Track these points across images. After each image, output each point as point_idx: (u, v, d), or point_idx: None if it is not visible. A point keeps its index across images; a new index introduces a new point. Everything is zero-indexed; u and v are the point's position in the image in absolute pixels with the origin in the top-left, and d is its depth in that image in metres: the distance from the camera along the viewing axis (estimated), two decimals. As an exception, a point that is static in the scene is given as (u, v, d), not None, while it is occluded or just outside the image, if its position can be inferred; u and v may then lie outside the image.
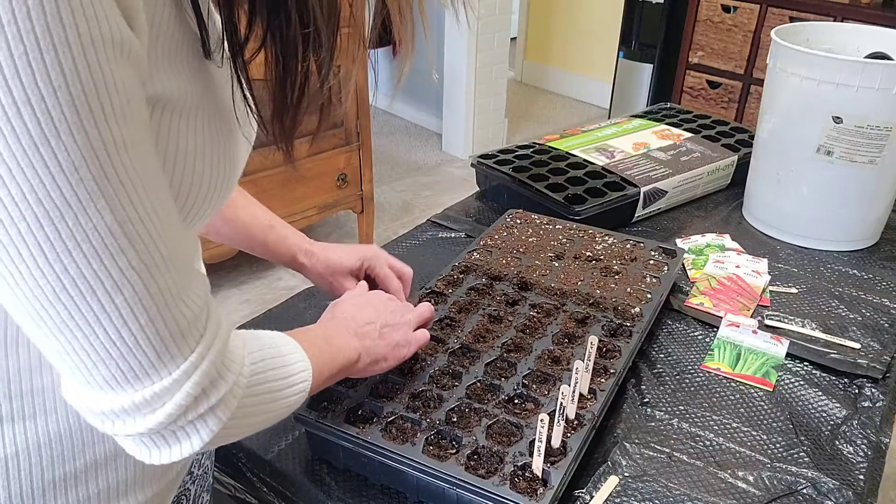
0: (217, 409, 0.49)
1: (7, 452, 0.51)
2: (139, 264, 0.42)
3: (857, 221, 1.26)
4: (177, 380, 0.46)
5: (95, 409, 0.46)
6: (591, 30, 4.55)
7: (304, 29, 0.46)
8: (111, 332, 0.42)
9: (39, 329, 0.42)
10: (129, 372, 0.44)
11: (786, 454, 0.84)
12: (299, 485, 0.80)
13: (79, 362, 0.43)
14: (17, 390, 0.51)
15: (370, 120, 2.77)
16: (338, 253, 0.95)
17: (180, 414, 0.47)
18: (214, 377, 0.48)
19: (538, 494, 0.70)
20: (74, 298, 0.41)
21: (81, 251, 0.40)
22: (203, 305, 0.48)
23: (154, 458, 0.49)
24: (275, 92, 0.49)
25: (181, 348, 0.46)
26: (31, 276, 0.40)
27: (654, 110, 1.76)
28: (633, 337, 0.94)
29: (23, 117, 0.36)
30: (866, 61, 1.14)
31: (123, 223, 0.41)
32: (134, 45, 0.40)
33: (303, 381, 0.61)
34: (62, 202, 0.38)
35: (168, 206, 0.45)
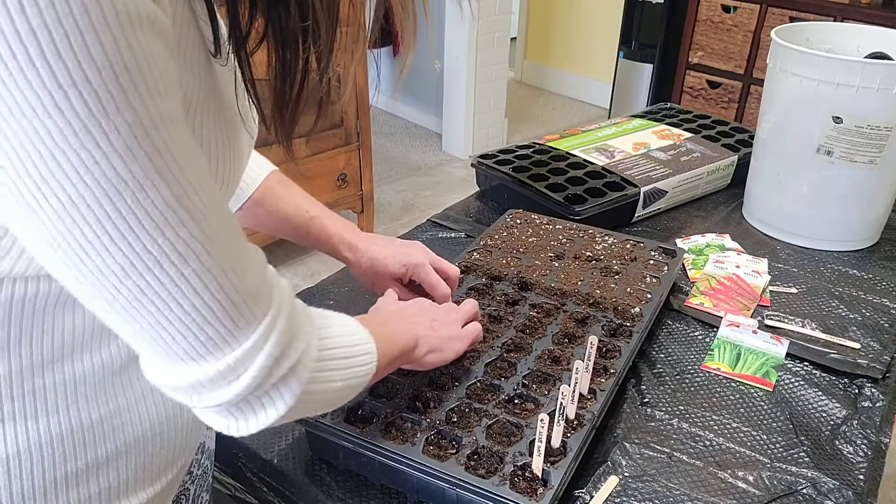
0: (297, 371, 0.50)
1: (9, 452, 0.51)
2: (200, 234, 0.42)
3: (857, 221, 1.26)
4: (256, 343, 0.46)
5: (181, 383, 0.46)
6: (591, 30, 4.55)
7: (304, 21, 0.46)
8: (184, 303, 0.43)
9: (115, 311, 0.43)
10: (209, 341, 0.45)
11: (786, 454, 0.84)
12: (299, 485, 0.80)
13: (157, 338, 0.44)
14: (19, 390, 0.51)
15: (370, 120, 2.77)
16: (383, 252, 0.93)
17: (264, 377, 0.47)
18: (290, 338, 0.49)
19: (538, 494, 0.70)
20: (144, 275, 0.41)
21: (143, 227, 0.40)
22: (265, 274, 0.49)
23: (241, 429, 0.50)
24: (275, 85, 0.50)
25: (255, 312, 0.47)
26: (99, 256, 0.40)
27: (654, 110, 1.76)
28: (633, 337, 0.94)
29: (70, 100, 0.36)
30: (866, 61, 1.14)
31: (179, 196, 0.41)
32: (164, 22, 0.41)
33: (369, 352, 0.61)
34: (118, 181, 0.38)
35: (211, 180, 0.45)
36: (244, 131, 0.58)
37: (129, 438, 0.57)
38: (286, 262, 2.83)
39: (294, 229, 0.91)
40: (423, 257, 0.94)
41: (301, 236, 0.91)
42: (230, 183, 0.56)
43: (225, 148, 0.53)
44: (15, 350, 0.50)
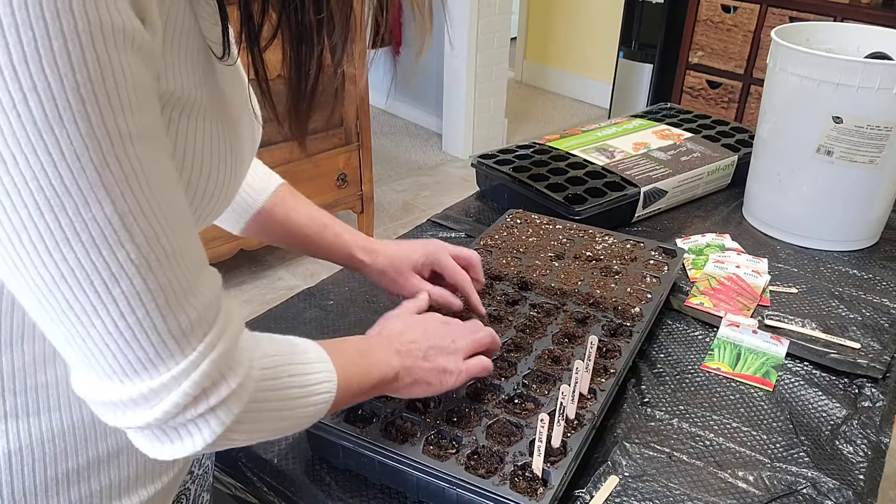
0: (218, 410, 0.49)
1: (11, 448, 0.51)
2: (138, 258, 0.42)
3: (857, 221, 1.26)
4: (175, 377, 0.46)
5: (98, 398, 0.46)
6: (591, 30, 4.55)
7: (318, 14, 0.46)
8: (108, 323, 0.42)
9: (43, 316, 0.43)
10: (127, 365, 0.44)
11: (786, 454, 0.84)
12: (299, 484, 0.80)
13: (79, 351, 0.44)
14: (21, 386, 0.51)
15: (370, 120, 2.77)
16: (400, 249, 0.92)
17: (178, 412, 0.47)
18: (216, 378, 0.48)
19: (538, 494, 0.70)
20: (73, 288, 0.41)
21: (80, 240, 0.40)
22: (211, 305, 0.48)
23: (158, 453, 0.49)
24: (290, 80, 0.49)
25: (182, 346, 0.46)
26: (32, 262, 0.40)
27: (654, 110, 1.76)
28: (633, 337, 0.94)
29: (28, 104, 0.36)
30: (866, 61, 1.14)
31: (123, 215, 0.41)
32: (145, 38, 0.40)
33: (325, 391, 0.59)
34: (63, 190, 0.38)
35: (177, 203, 0.45)
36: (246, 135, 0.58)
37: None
38: (286, 263, 2.83)
39: (306, 238, 0.89)
40: (439, 245, 0.93)
41: (313, 245, 0.90)
42: (230, 189, 0.56)
43: (225, 151, 0.53)
44: (17, 346, 0.50)
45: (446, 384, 0.75)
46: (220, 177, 0.53)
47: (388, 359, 0.71)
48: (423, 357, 0.74)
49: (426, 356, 0.74)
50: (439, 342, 0.76)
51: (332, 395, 0.60)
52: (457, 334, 0.79)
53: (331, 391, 0.60)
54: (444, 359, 0.75)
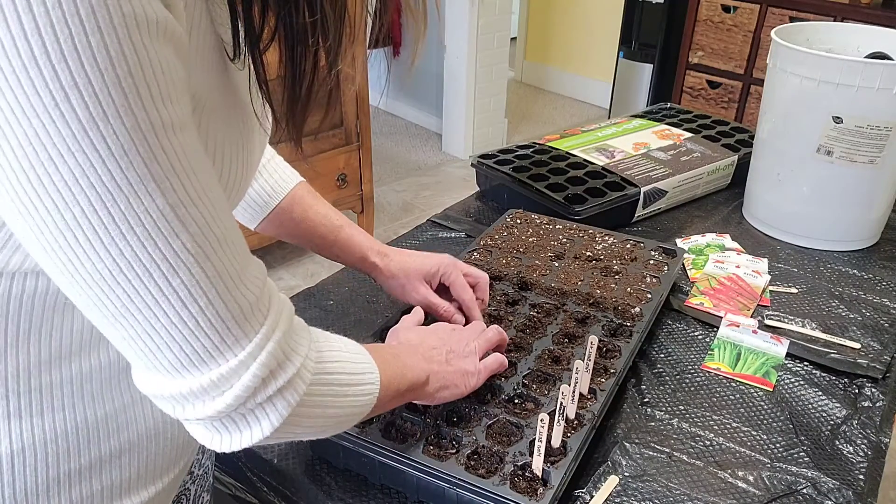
0: (286, 392, 0.49)
1: (14, 448, 0.52)
2: (194, 246, 0.42)
3: (857, 221, 1.26)
4: (242, 361, 0.46)
5: (164, 393, 0.46)
6: (591, 30, 4.56)
7: (312, 16, 0.46)
8: (171, 315, 0.42)
9: (103, 316, 0.43)
10: (194, 355, 0.44)
11: (786, 454, 0.84)
12: (299, 484, 0.80)
13: (143, 347, 0.44)
14: (25, 387, 0.51)
15: (370, 120, 2.77)
16: (412, 257, 0.93)
17: (248, 396, 0.47)
18: (281, 359, 0.48)
19: (538, 494, 0.70)
20: (132, 282, 0.41)
21: (135, 234, 0.40)
22: (263, 287, 0.48)
23: (224, 444, 0.49)
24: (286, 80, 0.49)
25: (245, 330, 0.46)
26: (89, 260, 0.40)
27: (654, 110, 1.76)
28: (633, 337, 0.94)
29: (71, 101, 0.36)
30: (866, 61, 1.14)
31: (175, 206, 0.41)
32: (176, 28, 0.40)
33: (371, 382, 0.60)
34: (113, 186, 0.38)
35: (217, 190, 0.45)
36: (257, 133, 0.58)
37: (133, 436, 0.57)
38: (285, 263, 2.83)
39: (321, 238, 0.90)
40: (453, 260, 0.94)
41: (327, 246, 0.91)
42: (241, 185, 0.56)
43: (237, 149, 0.53)
44: (23, 346, 0.50)
45: (470, 385, 0.77)
46: (232, 176, 0.53)
47: (419, 362, 0.72)
48: (446, 361, 0.76)
49: (448, 360, 0.76)
50: (455, 346, 0.79)
51: (377, 387, 0.60)
52: (468, 337, 0.81)
53: (376, 383, 0.60)
54: (463, 361, 0.77)
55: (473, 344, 0.80)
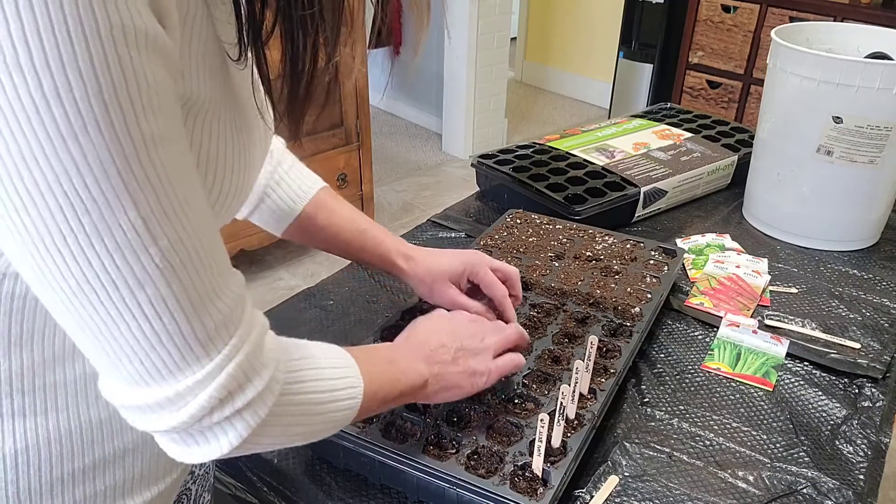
0: (244, 413, 0.49)
1: (17, 447, 0.52)
2: (162, 262, 0.42)
3: (857, 221, 1.26)
4: (200, 381, 0.46)
5: (125, 402, 0.46)
6: (591, 30, 4.56)
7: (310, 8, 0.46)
8: (134, 328, 0.42)
9: (70, 322, 0.43)
10: (153, 369, 0.44)
11: (786, 454, 0.84)
12: (299, 484, 0.80)
13: (104, 356, 0.44)
14: (29, 386, 0.51)
15: (370, 120, 2.77)
16: (440, 257, 0.91)
17: (204, 415, 0.47)
18: (242, 380, 0.48)
19: (538, 494, 0.70)
20: (98, 293, 0.41)
21: (104, 246, 0.40)
22: (235, 307, 0.48)
23: (186, 457, 0.49)
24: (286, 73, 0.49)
25: (207, 349, 0.46)
26: (57, 268, 0.40)
27: (654, 110, 1.76)
28: (633, 337, 0.94)
29: (51, 109, 0.36)
30: (866, 61, 1.14)
31: (147, 220, 0.40)
32: (165, 41, 0.40)
33: (351, 397, 0.59)
34: (87, 196, 0.38)
35: (199, 205, 0.45)
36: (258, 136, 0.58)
37: (136, 436, 0.57)
38: (285, 263, 2.83)
39: (346, 243, 0.89)
40: (480, 257, 0.92)
41: (353, 250, 0.90)
42: (242, 188, 0.56)
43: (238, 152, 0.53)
44: (26, 346, 0.50)
45: (477, 385, 0.75)
46: (232, 180, 0.53)
47: (417, 366, 0.70)
48: (453, 361, 0.74)
49: (455, 359, 0.74)
50: (468, 342, 0.76)
51: (357, 401, 0.60)
52: (485, 332, 0.79)
53: (356, 397, 0.60)
54: (473, 360, 0.75)
55: (490, 340, 0.78)
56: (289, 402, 0.53)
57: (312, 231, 0.88)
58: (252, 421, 0.49)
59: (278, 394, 0.51)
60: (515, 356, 0.80)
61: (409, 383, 0.68)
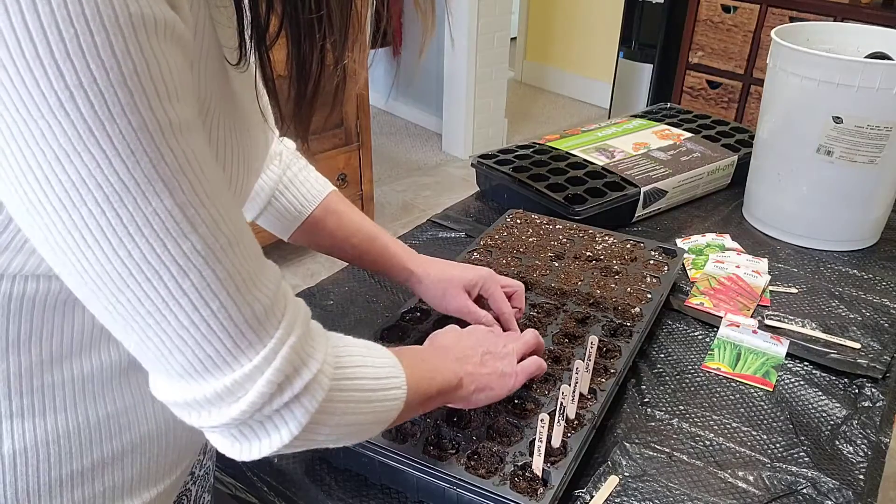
0: (303, 398, 0.48)
1: (16, 448, 0.51)
2: (204, 248, 0.41)
3: (857, 221, 1.26)
4: (257, 366, 0.45)
5: (178, 399, 0.45)
6: (591, 30, 4.55)
7: (318, 12, 0.46)
8: (182, 318, 0.42)
9: (114, 319, 0.42)
10: (207, 360, 0.43)
11: (786, 454, 0.84)
12: (300, 484, 0.80)
13: (155, 351, 0.43)
14: (28, 386, 0.51)
15: (370, 120, 2.77)
16: (451, 267, 0.92)
17: (264, 402, 0.46)
18: (298, 364, 0.47)
19: (538, 494, 0.70)
20: (142, 285, 0.40)
21: (143, 235, 0.39)
22: (277, 291, 0.47)
23: (245, 453, 0.48)
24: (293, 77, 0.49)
25: (259, 334, 0.45)
26: (98, 262, 0.39)
27: (654, 110, 1.76)
28: (633, 337, 0.94)
29: (76, 101, 0.36)
30: (866, 61, 1.14)
31: (184, 206, 0.40)
32: (183, 30, 0.40)
33: (397, 387, 0.58)
34: (120, 186, 0.38)
35: (226, 191, 0.44)
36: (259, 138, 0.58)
37: (136, 437, 0.57)
38: (285, 263, 2.83)
39: (354, 248, 0.89)
40: (492, 273, 0.92)
41: (360, 255, 0.90)
42: (243, 189, 0.56)
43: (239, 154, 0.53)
44: (25, 347, 0.50)
45: (507, 387, 0.76)
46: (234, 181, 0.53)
47: (450, 365, 0.70)
48: (481, 363, 0.74)
49: (483, 362, 0.74)
50: (492, 347, 0.77)
51: (404, 392, 0.59)
52: (506, 339, 0.80)
53: (402, 387, 0.59)
54: (500, 363, 0.76)
55: (511, 346, 0.79)
56: (342, 387, 0.52)
57: (320, 236, 0.88)
58: (311, 406, 0.48)
59: (332, 377, 0.50)
60: (537, 359, 0.80)
61: (444, 381, 0.67)
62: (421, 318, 0.97)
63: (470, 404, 0.74)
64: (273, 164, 0.85)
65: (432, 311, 0.98)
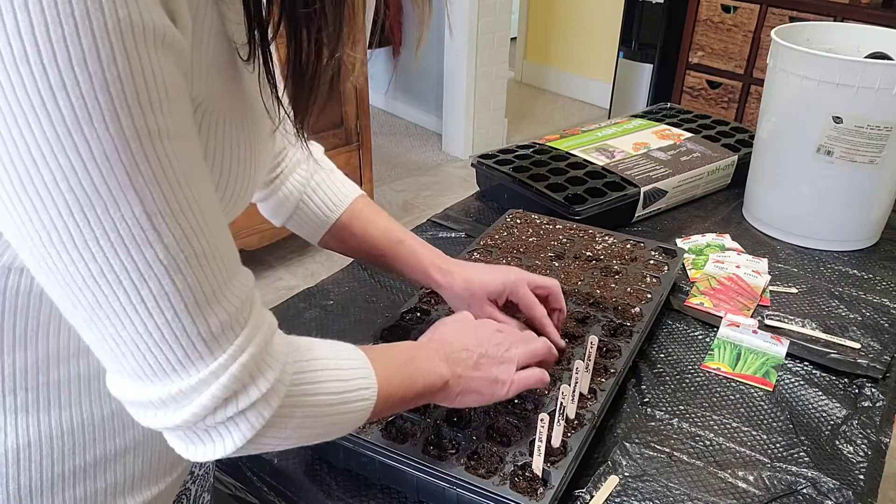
0: (248, 414, 0.48)
1: (20, 443, 0.52)
2: (167, 258, 0.42)
3: (857, 221, 1.26)
4: (203, 380, 0.45)
5: (129, 398, 0.46)
6: (591, 30, 4.55)
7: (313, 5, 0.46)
8: (137, 324, 0.42)
9: (74, 316, 0.43)
10: (156, 366, 0.44)
11: (786, 454, 0.84)
12: (299, 484, 0.80)
13: (109, 351, 0.44)
14: (33, 382, 0.51)
15: (370, 120, 2.77)
16: (478, 273, 0.88)
17: (207, 414, 0.46)
18: (246, 381, 0.48)
19: (538, 494, 0.70)
20: (102, 288, 0.41)
21: (109, 240, 0.40)
22: (242, 307, 0.47)
23: (192, 454, 0.49)
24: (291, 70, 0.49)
25: (211, 348, 0.45)
26: (62, 261, 0.40)
27: (654, 110, 1.76)
28: (633, 337, 0.94)
29: (58, 102, 0.36)
30: (866, 61, 1.14)
31: (152, 216, 0.40)
32: (176, 37, 0.40)
33: (363, 398, 0.58)
34: (92, 190, 0.38)
35: (209, 201, 0.44)
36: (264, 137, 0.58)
37: (139, 435, 0.57)
38: (286, 263, 2.83)
39: (382, 253, 0.88)
40: (519, 275, 0.88)
41: (388, 260, 0.89)
42: (248, 188, 0.56)
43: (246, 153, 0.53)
44: (31, 342, 0.50)
45: (497, 394, 0.73)
46: (239, 179, 0.53)
47: (436, 367, 0.69)
48: (475, 366, 0.72)
49: (477, 365, 0.72)
50: (492, 350, 0.74)
51: (370, 402, 0.59)
52: (511, 343, 0.76)
53: (370, 398, 0.59)
54: (496, 368, 0.73)
55: (514, 352, 0.75)
56: (295, 404, 0.52)
57: (348, 240, 0.87)
58: (256, 422, 0.49)
59: (284, 395, 0.51)
60: (539, 371, 0.77)
61: (427, 384, 0.67)
62: (421, 318, 0.97)
63: (454, 405, 0.73)
64: (300, 169, 0.84)
65: (432, 311, 0.98)
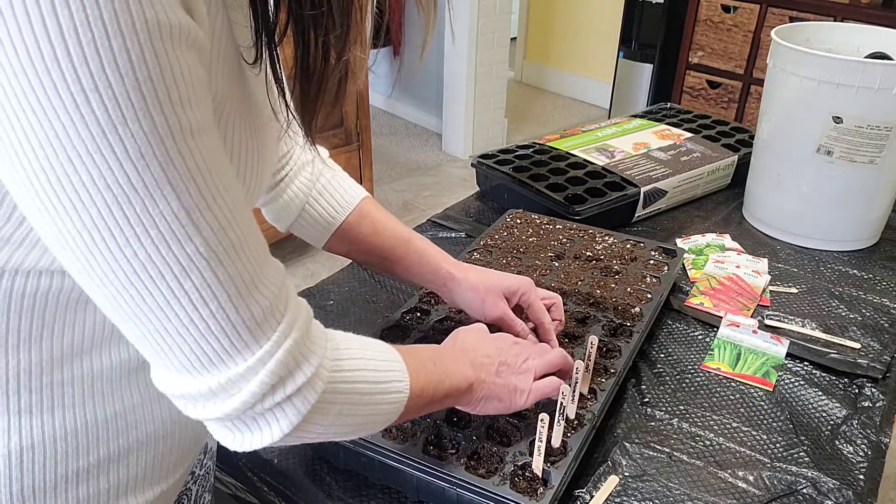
0: (295, 399, 0.49)
1: (24, 444, 0.52)
2: (207, 251, 0.42)
3: (857, 221, 1.26)
4: (251, 367, 0.46)
5: (176, 392, 0.47)
6: (591, 30, 4.56)
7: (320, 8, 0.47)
8: (182, 317, 0.43)
9: (118, 314, 0.44)
10: (204, 357, 0.45)
11: (786, 454, 0.84)
12: (300, 484, 0.80)
13: (155, 346, 0.44)
14: (36, 383, 0.51)
15: (370, 120, 2.77)
16: (489, 274, 0.89)
17: (256, 401, 0.47)
18: (292, 366, 0.49)
19: (538, 494, 0.70)
20: (146, 283, 0.42)
21: (149, 237, 0.40)
22: (279, 293, 0.48)
23: (238, 444, 0.50)
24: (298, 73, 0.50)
25: (256, 336, 0.46)
26: (105, 260, 0.41)
27: (654, 110, 1.76)
28: (633, 337, 0.94)
29: (91, 104, 0.36)
30: (866, 61, 1.14)
31: (190, 210, 0.41)
32: (199, 35, 0.41)
33: (397, 391, 0.59)
34: (129, 188, 0.39)
35: (236, 193, 0.45)
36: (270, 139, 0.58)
37: (141, 436, 0.58)
38: (286, 263, 2.83)
39: (389, 255, 0.87)
40: (531, 283, 0.89)
41: (395, 261, 0.87)
42: (255, 191, 0.56)
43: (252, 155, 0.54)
44: (35, 343, 0.50)
45: (517, 403, 0.75)
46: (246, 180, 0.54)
47: (463, 369, 0.69)
48: (496, 373, 0.73)
49: (499, 372, 0.74)
50: (512, 360, 0.76)
51: (404, 395, 0.59)
52: (529, 354, 0.78)
53: (403, 391, 0.59)
54: (515, 377, 0.75)
55: (532, 362, 0.77)
56: (336, 391, 0.53)
57: (355, 242, 0.87)
58: (302, 407, 0.50)
59: (327, 380, 0.52)
60: (556, 380, 0.78)
61: (453, 385, 0.67)
62: (421, 318, 0.97)
63: (476, 411, 0.74)
64: (304, 172, 0.84)
65: (432, 311, 0.98)
